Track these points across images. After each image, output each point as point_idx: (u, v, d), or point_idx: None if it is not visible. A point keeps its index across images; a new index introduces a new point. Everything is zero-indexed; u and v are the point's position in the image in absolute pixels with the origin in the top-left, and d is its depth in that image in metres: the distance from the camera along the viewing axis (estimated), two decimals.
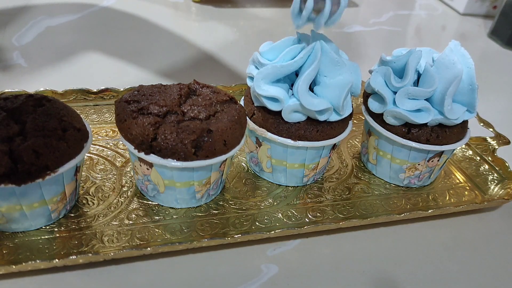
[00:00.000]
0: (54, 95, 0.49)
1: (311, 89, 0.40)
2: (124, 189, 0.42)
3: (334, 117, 0.41)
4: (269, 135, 0.41)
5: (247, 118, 0.42)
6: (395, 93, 0.42)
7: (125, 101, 0.38)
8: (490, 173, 0.51)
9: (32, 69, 0.62)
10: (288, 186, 0.45)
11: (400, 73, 0.43)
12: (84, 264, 0.35)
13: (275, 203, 0.43)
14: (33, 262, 0.33)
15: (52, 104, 0.36)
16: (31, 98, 0.36)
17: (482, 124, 0.55)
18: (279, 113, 0.40)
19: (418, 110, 0.42)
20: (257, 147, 0.44)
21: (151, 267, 0.36)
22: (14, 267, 0.32)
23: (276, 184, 0.45)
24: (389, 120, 0.43)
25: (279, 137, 0.41)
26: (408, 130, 0.43)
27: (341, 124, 0.42)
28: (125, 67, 0.66)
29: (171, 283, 0.35)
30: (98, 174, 0.43)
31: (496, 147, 0.53)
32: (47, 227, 0.37)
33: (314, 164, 0.44)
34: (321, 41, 0.39)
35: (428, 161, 0.45)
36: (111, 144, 0.48)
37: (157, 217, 0.39)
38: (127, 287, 0.34)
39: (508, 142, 0.53)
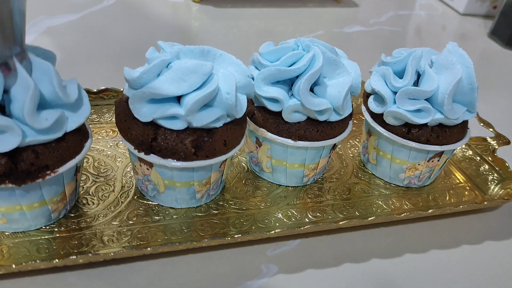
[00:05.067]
0: None
1: (311, 89, 0.40)
2: (124, 189, 0.42)
3: (334, 117, 0.41)
4: (269, 135, 0.41)
5: (247, 118, 0.42)
6: (395, 93, 0.42)
7: (125, 101, 0.38)
8: (490, 173, 0.51)
9: None
10: (288, 186, 0.45)
11: (400, 74, 0.43)
12: (84, 264, 0.35)
13: (275, 203, 0.43)
14: (33, 262, 0.33)
15: None
16: None
17: (482, 124, 0.55)
18: (279, 113, 0.40)
19: (418, 110, 0.42)
20: (257, 147, 0.44)
21: (151, 267, 0.36)
22: (14, 267, 0.32)
23: (276, 184, 0.45)
24: (389, 120, 0.43)
25: (279, 137, 0.41)
26: (408, 130, 0.43)
27: (341, 124, 0.42)
28: (125, 67, 0.66)
29: (171, 283, 0.35)
30: (98, 174, 0.43)
31: (496, 147, 0.53)
32: (47, 227, 0.37)
33: (314, 164, 0.44)
34: (319, 46, 0.39)
35: (428, 161, 0.45)
36: (111, 144, 0.48)
37: (157, 217, 0.39)
38: (127, 287, 0.34)
39: (508, 142, 0.53)
